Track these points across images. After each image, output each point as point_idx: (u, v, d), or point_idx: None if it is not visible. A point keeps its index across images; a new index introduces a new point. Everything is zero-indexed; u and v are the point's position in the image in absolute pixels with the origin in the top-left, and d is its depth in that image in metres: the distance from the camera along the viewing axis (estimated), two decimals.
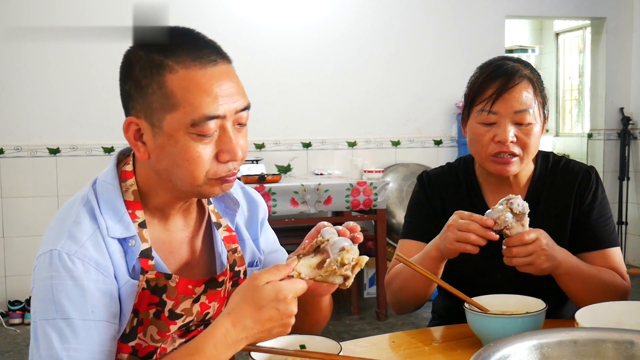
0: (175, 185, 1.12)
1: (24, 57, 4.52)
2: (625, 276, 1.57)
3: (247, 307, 1.02)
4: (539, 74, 1.63)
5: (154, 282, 1.14)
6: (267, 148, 4.91)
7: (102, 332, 1.07)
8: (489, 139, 1.55)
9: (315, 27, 5.04)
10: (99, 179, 1.17)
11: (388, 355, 1.37)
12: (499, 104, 1.53)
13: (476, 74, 1.62)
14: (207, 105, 1.05)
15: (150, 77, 1.06)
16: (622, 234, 5.61)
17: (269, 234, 1.39)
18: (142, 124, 1.09)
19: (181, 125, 1.05)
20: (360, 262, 1.07)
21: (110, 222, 1.11)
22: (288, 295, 1.02)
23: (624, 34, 5.65)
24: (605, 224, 1.61)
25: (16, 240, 4.57)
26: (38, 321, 1.06)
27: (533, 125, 1.55)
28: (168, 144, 1.07)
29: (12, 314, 4.34)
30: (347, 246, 1.07)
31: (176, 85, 1.05)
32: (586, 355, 0.96)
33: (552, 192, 1.64)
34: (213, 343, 1.01)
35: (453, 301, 1.64)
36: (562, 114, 7.39)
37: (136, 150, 1.11)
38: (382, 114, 5.19)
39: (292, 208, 4.17)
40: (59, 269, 1.05)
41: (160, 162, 1.10)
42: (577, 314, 1.23)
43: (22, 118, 4.55)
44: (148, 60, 1.07)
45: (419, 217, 1.71)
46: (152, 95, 1.06)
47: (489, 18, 5.36)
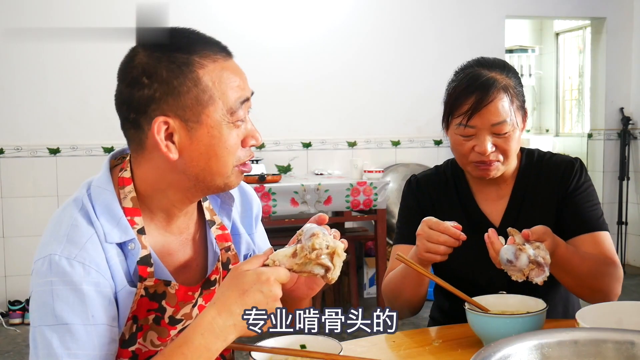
0: (202, 182, 1.12)
1: (24, 57, 4.52)
2: (615, 259, 1.56)
3: (232, 294, 1.02)
4: (515, 73, 1.62)
5: (153, 289, 1.14)
6: (267, 148, 4.91)
7: (102, 335, 1.06)
8: (468, 148, 1.57)
9: (316, 27, 5.04)
10: (93, 185, 1.15)
11: (388, 355, 1.37)
12: (476, 118, 1.54)
13: (453, 81, 1.63)
14: (235, 91, 1.11)
15: (183, 76, 1.08)
16: (622, 234, 5.61)
17: (262, 232, 1.42)
18: (173, 123, 1.08)
19: (222, 116, 1.09)
20: (337, 250, 1.06)
21: (107, 227, 1.10)
22: (270, 277, 1.02)
23: (624, 34, 5.65)
24: (591, 209, 1.62)
25: (16, 240, 4.56)
26: (37, 327, 1.05)
27: (511, 132, 1.56)
28: (208, 135, 1.09)
29: (12, 314, 4.34)
30: (317, 231, 1.06)
31: (210, 79, 1.09)
32: (587, 355, 0.96)
33: (537, 185, 1.66)
34: (200, 332, 1.01)
35: (451, 302, 1.64)
36: (562, 114, 7.38)
37: (166, 150, 1.09)
38: (382, 114, 5.19)
39: (292, 208, 4.17)
40: (58, 274, 1.04)
41: (193, 158, 1.10)
42: (578, 314, 1.23)
43: (22, 118, 4.55)
44: (172, 60, 1.08)
45: (410, 221, 1.71)
46: (188, 93, 1.08)
47: (489, 18, 5.36)
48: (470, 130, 1.56)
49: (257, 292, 1.01)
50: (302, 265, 1.06)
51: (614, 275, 1.54)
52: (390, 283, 1.64)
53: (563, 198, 1.63)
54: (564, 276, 1.50)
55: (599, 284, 1.50)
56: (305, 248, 1.05)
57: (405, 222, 1.73)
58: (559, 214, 1.63)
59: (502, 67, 1.61)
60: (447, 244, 1.42)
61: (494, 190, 1.68)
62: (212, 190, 1.16)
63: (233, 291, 1.02)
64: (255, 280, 1.01)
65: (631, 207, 5.63)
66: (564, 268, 1.47)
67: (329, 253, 1.06)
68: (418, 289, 1.58)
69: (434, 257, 1.44)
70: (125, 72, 1.11)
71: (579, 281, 1.50)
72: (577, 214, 1.61)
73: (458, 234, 1.42)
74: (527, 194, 1.65)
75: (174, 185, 1.13)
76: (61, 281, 1.04)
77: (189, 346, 1.01)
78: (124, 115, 1.13)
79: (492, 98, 1.54)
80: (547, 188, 1.65)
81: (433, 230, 1.43)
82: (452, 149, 1.64)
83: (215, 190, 1.17)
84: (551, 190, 1.64)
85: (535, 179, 1.67)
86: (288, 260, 1.06)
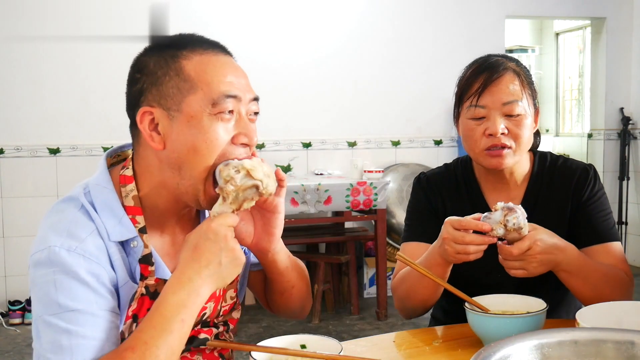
0: (182, 182, 1.11)
1: (24, 58, 4.52)
2: (627, 270, 1.55)
3: (185, 253, 1.07)
4: (526, 68, 1.63)
5: (154, 288, 1.14)
6: (267, 148, 4.92)
7: (107, 320, 1.06)
8: (480, 133, 1.55)
9: (316, 28, 5.05)
10: (91, 184, 1.15)
11: (388, 355, 1.36)
12: (486, 96, 1.54)
13: (464, 72, 1.64)
14: (223, 85, 1.11)
15: (167, 67, 1.11)
16: (622, 234, 5.61)
17: None
18: (156, 112, 1.10)
19: (202, 107, 1.09)
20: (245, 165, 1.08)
21: (109, 224, 1.10)
22: (212, 223, 1.06)
23: (624, 34, 5.65)
24: (604, 218, 1.61)
25: (16, 240, 4.56)
26: (40, 316, 1.04)
27: (523, 116, 1.55)
28: (188, 125, 1.09)
29: (12, 314, 4.34)
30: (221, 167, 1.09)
31: (192, 69, 1.10)
32: (587, 355, 0.96)
33: (550, 190, 1.64)
34: (171, 291, 1.04)
35: (452, 303, 1.64)
36: (562, 114, 7.39)
37: (150, 140, 1.11)
38: (382, 114, 5.19)
39: (292, 208, 4.17)
40: (58, 265, 1.04)
41: (176, 149, 1.10)
42: (578, 314, 1.22)
43: (22, 118, 4.55)
44: (161, 54, 1.12)
45: (420, 218, 1.70)
46: (169, 82, 1.10)
47: (489, 18, 5.36)
48: (481, 111, 1.54)
49: (206, 241, 1.06)
50: (235, 201, 1.09)
51: (623, 288, 1.51)
52: (404, 283, 1.60)
53: (577, 207, 1.61)
54: (577, 283, 1.49)
55: (610, 295, 1.48)
56: (222, 188, 1.08)
57: (415, 219, 1.71)
58: (572, 222, 1.61)
59: (512, 59, 1.63)
60: (475, 242, 1.38)
61: (506, 193, 1.65)
62: (190, 197, 1.13)
63: (185, 251, 1.07)
64: (199, 233, 1.07)
65: (631, 207, 5.63)
66: (568, 282, 1.48)
67: (244, 175, 1.08)
68: (436, 288, 1.54)
69: (466, 258, 1.40)
70: (129, 74, 1.15)
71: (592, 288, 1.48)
72: (590, 224, 1.59)
73: (481, 225, 1.37)
74: (540, 199, 1.62)
75: (164, 183, 1.14)
76: (62, 271, 1.04)
77: (163, 307, 1.03)
78: (128, 114, 1.16)
79: (502, 74, 1.54)
80: (561, 195, 1.63)
81: (457, 230, 1.40)
82: (463, 140, 1.61)
83: (192, 198, 1.13)
84: (565, 197, 1.62)
85: (548, 185, 1.64)
86: (222, 206, 1.09)
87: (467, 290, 1.42)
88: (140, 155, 1.16)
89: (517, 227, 1.36)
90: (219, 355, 1.28)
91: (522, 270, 1.41)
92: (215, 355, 1.27)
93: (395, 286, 1.66)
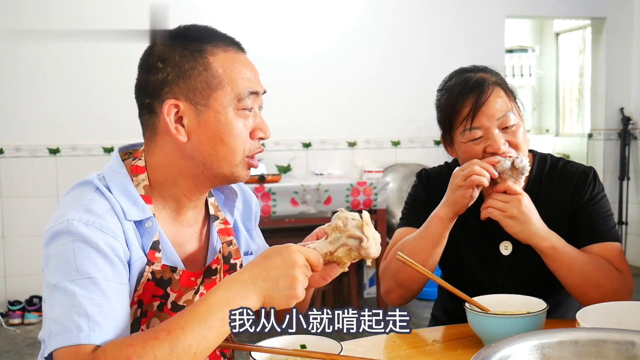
0: (209, 169, 1.16)
1: (24, 57, 4.52)
2: (624, 270, 1.55)
3: (256, 258, 1.07)
4: (500, 75, 1.64)
5: (160, 275, 1.16)
6: (267, 148, 4.91)
7: (123, 292, 1.07)
8: (480, 151, 1.55)
9: (315, 27, 5.05)
10: (105, 171, 1.19)
11: (388, 355, 1.37)
12: (480, 118, 1.53)
13: (443, 96, 1.63)
14: (246, 81, 1.17)
15: (194, 61, 1.14)
16: (622, 234, 5.61)
17: (259, 232, 1.45)
18: (183, 106, 1.14)
19: (229, 102, 1.15)
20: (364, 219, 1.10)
21: (125, 205, 1.13)
22: (293, 246, 1.06)
23: (624, 34, 5.65)
24: (604, 219, 1.61)
25: (16, 240, 4.56)
26: (58, 283, 1.03)
27: (517, 125, 1.56)
28: (215, 120, 1.14)
29: (12, 314, 4.34)
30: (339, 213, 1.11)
31: (220, 66, 1.15)
32: (587, 355, 0.96)
33: (550, 192, 1.64)
34: (225, 286, 1.03)
35: (454, 302, 1.64)
36: (562, 114, 7.38)
37: (176, 132, 1.14)
38: (382, 114, 5.19)
39: (292, 208, 4.17)
40: (78, 235, 1.06)
41: (201, 142, 1.14)
42: (578, 314, 1.22)
43: (22, 118, 4.55)
44: (185, 47, 1.15)
45: (415, 209, 1.71)
46: (198, 76, 1.14)
47: (489, 18, 5.36)
48: (476, 132, 1.54)
49: (277, 256, 1.04)
50: (334, 241, 1.09)
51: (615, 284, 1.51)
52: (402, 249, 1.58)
53: (576, 209, 1.62)
54: (563, 271, 1.49)
55: (602, 283, 1.49)
56: (332, 225, 1.10)
57: (412, 209, 1.74)
58: (572, 224, 1.62)
59: (484, 70, 1.63)
60: (480, 165, 1.48)
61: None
62: (219, 179, 1.19)
63: (257, 257, 1.07)
64: (277, 250, 1.06)
65: (631, 207, 5.63)
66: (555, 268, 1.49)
67: (357, 226, 1.10)
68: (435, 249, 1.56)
69: (479, 180, 1.47)
70: (144, 61, 1.17)
71: (582, 279, 1.49)
72: (590, 224, 1.60)
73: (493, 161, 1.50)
74: (539, 202, 1.62)
75: (184, 172, 1.17)
76: (81, 240, 1.06)
77: (212, 298, 1.02)
78: (141, 102, 1.18)
79: (490, 92, 1.54)
80: (560, 197, 1.63)
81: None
82: (462, 162, 1.59)
83: (222, 179, 1.19)
84: (564, 200, 1.63)
85: (548, 187, 1.65)
86: (319, 242, 1.11)
87: (467, 290, 1.43)
88: (157, 144, 1.18)
89: (522, 168, 1.48)
90: (221, 354, 1.29)
91: (498, 210, 1.48)
92: (217, 354, 1.29)
93: (385, 266, 1.66)
